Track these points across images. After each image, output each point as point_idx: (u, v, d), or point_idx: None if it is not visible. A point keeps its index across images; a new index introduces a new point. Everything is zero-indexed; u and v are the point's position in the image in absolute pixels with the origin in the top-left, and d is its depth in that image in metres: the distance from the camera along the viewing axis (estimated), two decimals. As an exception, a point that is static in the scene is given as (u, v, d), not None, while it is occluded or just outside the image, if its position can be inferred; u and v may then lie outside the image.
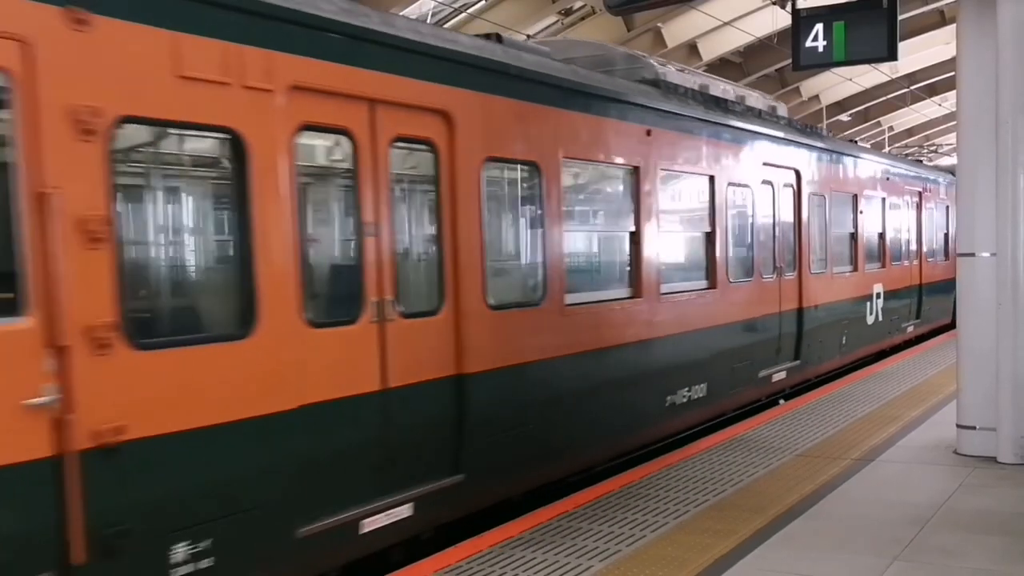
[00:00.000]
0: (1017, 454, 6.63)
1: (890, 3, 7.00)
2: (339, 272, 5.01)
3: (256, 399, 4.24)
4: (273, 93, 4.35)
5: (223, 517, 4.09)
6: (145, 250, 4.31)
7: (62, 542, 3.50)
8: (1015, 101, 6.50)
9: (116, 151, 3.78)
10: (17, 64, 3.42)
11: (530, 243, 6.32)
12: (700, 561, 4.89)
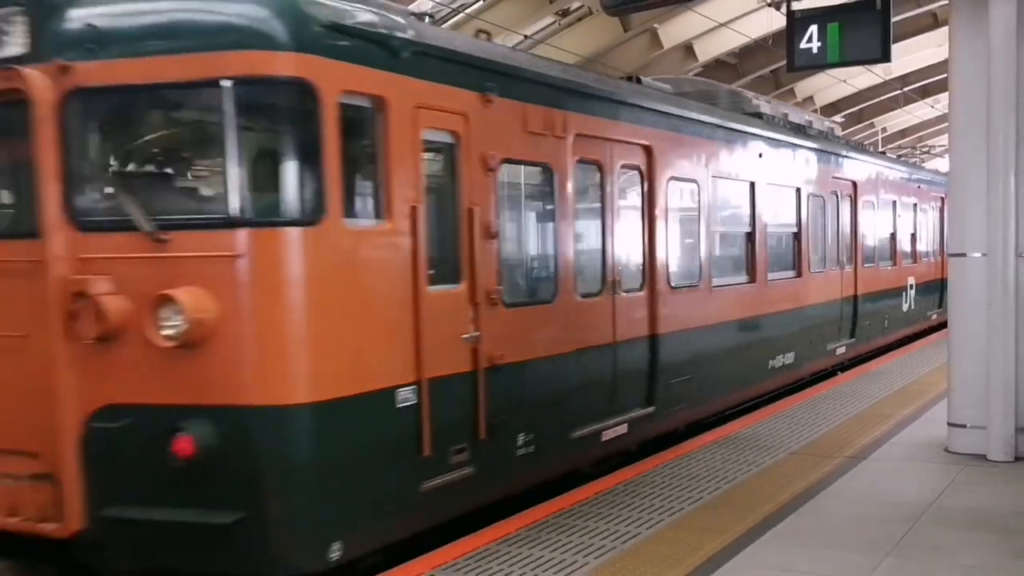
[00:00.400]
0: (1007, 452, 6.69)
1: (883, 5, 7.06)
2: (592, 261, 6.99)
3: (557, 344, 6.33)
4: (566, 139, 6.49)
5: (541, 419, 6.11)
6: (509, 243, 6.19)
7: (475, 423, 5.51)
8: (1006, 103, 6.56)
9: (500, 181, 5.80)
10: (461, 128, 5.45)
11: (692, 241, 8.40)
12: (693, 558, 4.93)
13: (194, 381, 4.30)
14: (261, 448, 4.35)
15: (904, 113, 35.87)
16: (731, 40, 22.62)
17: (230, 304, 4.28)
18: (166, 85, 4.41)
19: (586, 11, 20.29)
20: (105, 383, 4.38)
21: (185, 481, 4.28)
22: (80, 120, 4.45)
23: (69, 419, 4.39)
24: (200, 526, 4.32)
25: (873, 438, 7.65)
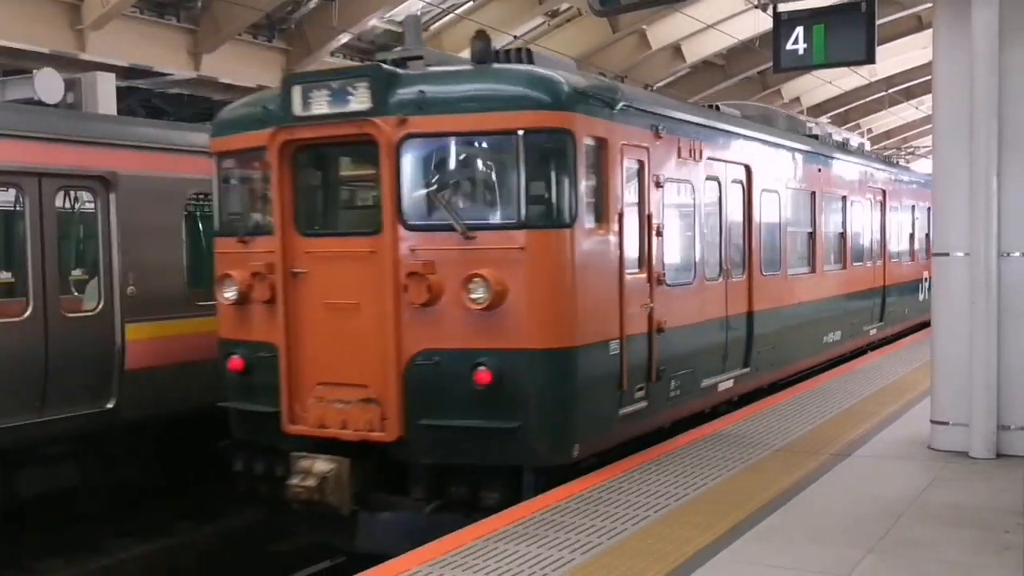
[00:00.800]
0: (988, 449, 6.75)
1: (868, 7, 7.11)
2: (713, 252, 8.69)
3: (694, 315, 8.09)
4: (701, 163, 8.27)
5: (684, 371, 7.79)
6: (667, 240, 7.64)
7: (649, 370, 7.24)
8: (988, 105, 6.62)
9: (664, 195, 7.53)
10: (644, 157, 7.23)
11: (775, 238, 10.10)
12: (679, 554, 4.96)
13: (491, 332, 6.12)
14: (534, 378, 6.23)
15: (889, 114, 36.15)
16: (719, 41, 22.74)
17: (516, 280, 6.13)
18: (475, 133, 6.42)
19: (575, 12, 20.34)
20: (424, 334, 6.21)
21: (481, 400, 6.13)
22: (411, 156, 6.36)
23: (394, 360, 6.23)
24: (492, 430, 6.18)
25: (857, 435, 7.70)
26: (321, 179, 7.19)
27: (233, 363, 6.89)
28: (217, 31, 15.93)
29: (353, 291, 6.34)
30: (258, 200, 7.07)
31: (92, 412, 7.77)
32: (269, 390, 6.60)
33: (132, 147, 8.20)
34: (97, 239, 7.92)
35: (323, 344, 6.46)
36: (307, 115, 6.39)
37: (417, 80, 6.37)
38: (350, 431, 6.36)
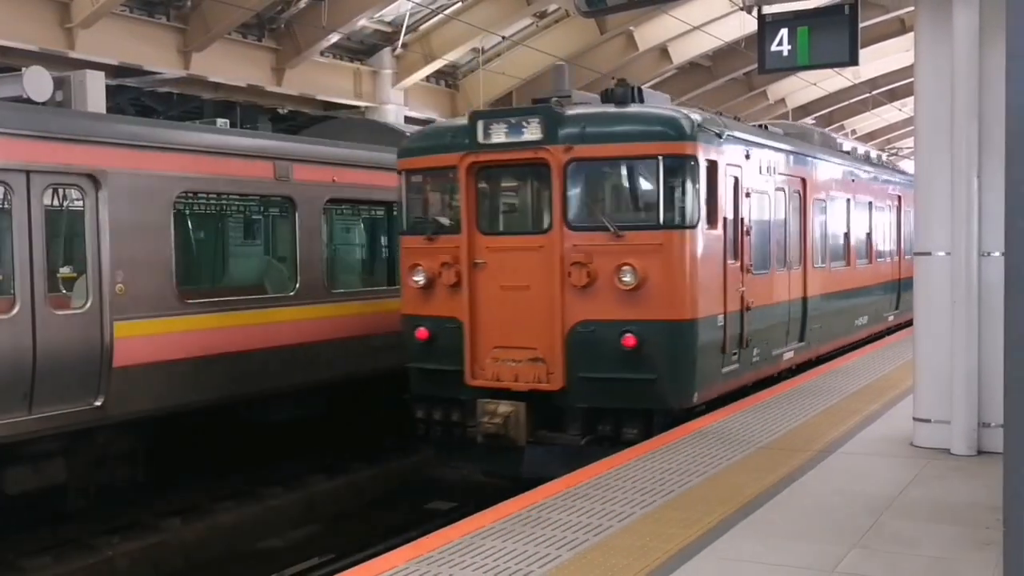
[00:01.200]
0: (970, 446, 6.83)
1: (851, 10, 7.19)
2: (779, 247, 10.44)
3: (770, 298, 9.82)
4: (774, 177, 10.16)
5: (762, 342, 9.61)
6: (752, 237, 9.42)
7: (741, 339, 9.00)
8: (969, 107, 6.69)
9: (750, 203, 9.36)
10: (739, 174, 9.03)
11: (821, 237, 11.87)
12: (664, 550, 5.00)
13: (635, 307, 7.95)
14: (668, 342, 8.03)
15: (873, 116, 36.42)
16: (705, 43, 22.86)
17: (655, 268, 7.96)
18: (625, 158, 8.31)
19: (563, 13, 20.41)
20: (582, 309, 8.04)
21: (627, 359, 7.97)
22: (575, 174, 8.23)
23: (559, 328, 8.08)
24: (634, 381, 7.99)
25: (841, 433, 7.78)
26: (498, 191, 9.12)
27: (420, 333, 8.66)
28: (207, 30, 15.90)
29: (525, 276, 8.23)
30: (443, 207, 8.93)
31: (80, 409, 7.77)
32: (453, 353, 8.43)
33: (121, 145, 8.20)
34: (85, 236, 7.92)
35: (498, 317, 8.33)
36: (488, 143, 8.32)
37: (578, 117, 8.27)
38: (521, 383, 8.25)
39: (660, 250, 7.99)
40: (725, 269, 8.73)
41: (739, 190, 9.10)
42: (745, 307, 9.09)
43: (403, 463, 11.47)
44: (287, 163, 9.78)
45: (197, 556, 8.75)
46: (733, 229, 8.94)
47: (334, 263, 10.87)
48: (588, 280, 7.97)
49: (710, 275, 8.42)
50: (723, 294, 8.66)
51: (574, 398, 8.14)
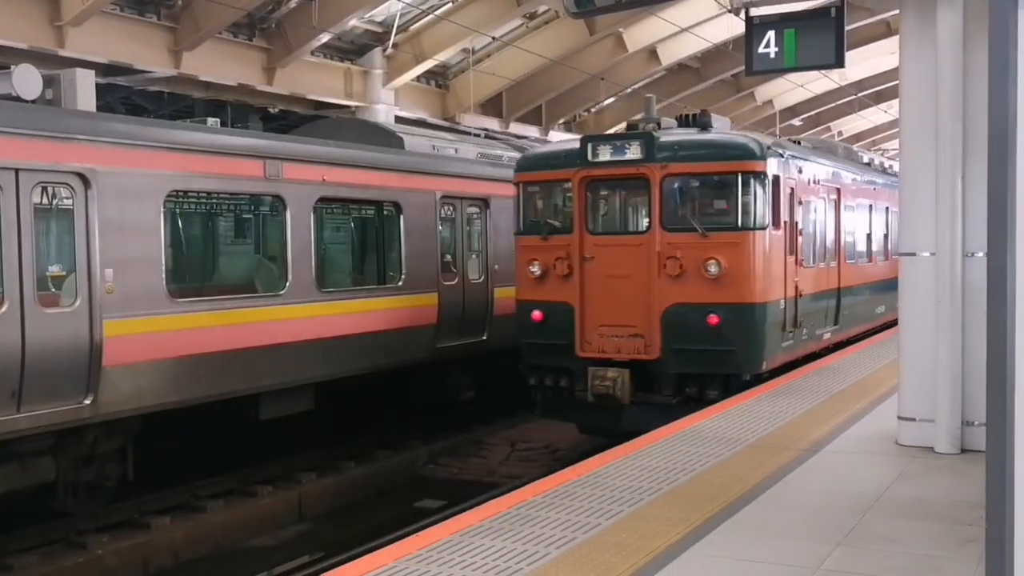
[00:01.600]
0: (953, 444, 6.89)
1: (838, 13, 7.25)
2: (820, 245, 12.25)
3: (816, 287, 11.66)
4: (819, 187, 12.11)
5: (808, 323, 11.30)
6: (802, 237, 11.16)
7: (795, 320, 10.82)
8: (953, 109, 6.76)
9: (801, 210, 11.24)
10: (795, 185, 11.00)
11: (851, 237, 13.79)
12: (652, 547, 5.04)
13: (718, 293, 9.74)
14: (744, 320, 9.84)
15: (859, 118, 36.62)
16: (693, 45, 22.95)
17: (734, 261, 9.80)
18: (710, 173, 10.18)
19: (553, 14, 20.45)
20: (674, 294, 9.86)
21: (711, 334, 9.78)
22: (668, 186, 10.15)
23: (656, 310, 9.92)
24: (717, 351, 9.85)
25: (827, 431, 7.84)
26: (604, 200, 11.09)
27: (535, 315, 10.54)
28: (197, 29, 15.86)
29: (627, 268, 10.12)
30: (555, 212, 10.87)
31: (69, 408, 7.76)
32: (564, 331, 10.30)
33: (111, 143, 8.19)
34: (75, 235, 7.90)
35: (604, 301, 10.21)
36: (596, 160, 10.28)
37: (671, 142, 10.20)
38: (623, 354, 10.15)
39: (738, 247, 9.92)
40: (785, 263, 10.71)
41: (794, 199, 11.07)
42: (798, 294, 11.08)
43: (393, 462, 11.49)
44: (277, 162, 9.79)
45: (186, 554, 8.75)
46: (790, 230, 10.84)
47: (324, 262, 10.88)
48: (680, 271, 9.90)
49: (775, 268, 10.44)
50: (783, 283, 10.66)
51: (668, 366, 10.05)
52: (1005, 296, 3.00)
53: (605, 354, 10.12)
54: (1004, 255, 3.00)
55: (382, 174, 11.22)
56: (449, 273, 12.15)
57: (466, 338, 12.41)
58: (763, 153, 10.15)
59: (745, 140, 10.47)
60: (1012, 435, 2.99)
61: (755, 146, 10.19)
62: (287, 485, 10.20)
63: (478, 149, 13.80)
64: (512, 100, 23.71)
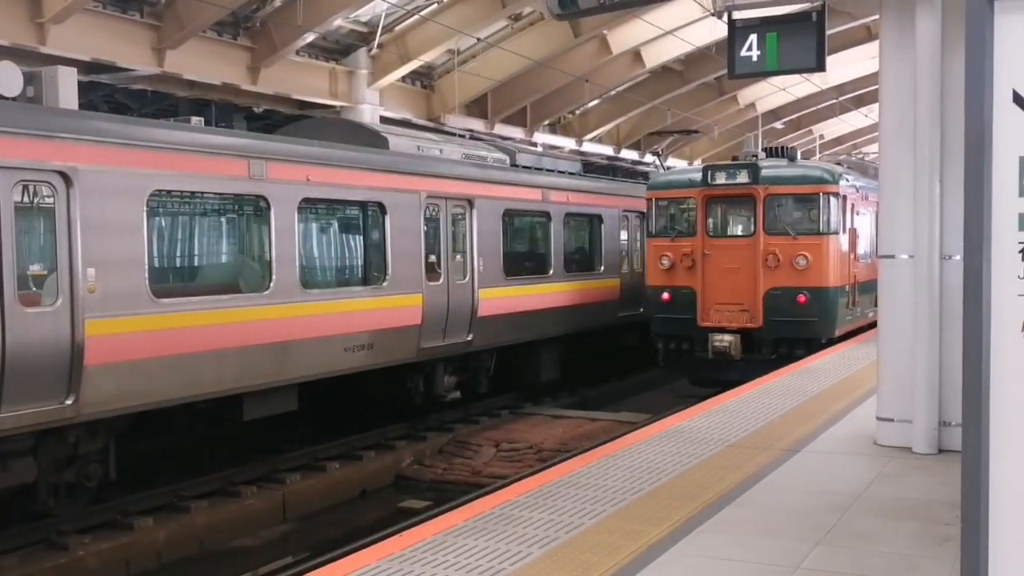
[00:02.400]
0: (931, 445, 6.98)
1: (819, 17, 7.33)
2: (867, 247, 15.28)
3: (864, 276, 14.70)
4: (868, 201, 15.20)
5: (862, 304, 15.07)
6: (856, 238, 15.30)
7: (852, 300, 14.96)
8: (931, 113, 6.84)
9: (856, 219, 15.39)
10: (851, 200, 15.01)
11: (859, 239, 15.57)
12: (634, 546, 5.08)
13: (805, 279, 13.63)
14: (823, 299, 13.67)
15: (840, 121, 36.88)
16: (677, 48, 23.05)
17: (816, 256, 13.70)
18: (800, 194, 14.10)
19: (538, 16, 20.47)
20: (773, 280, 13.74)
21: (799, 309, 13.65)
22: (770, 203, 14.02)
23: (760, 292, 13.76)
24: (803, 321, 13.76)
25: (807, 432, 7.92)
26: (719, 212, 14.65)
27: (664, 297, 14.48)
28: (181, 27, 15.77)
29: (737, 262, 13.94)
30: (680, 221, 14.77)
31: (50, 408, 7.71)
32: (688, 308, 14.18)
33: (93, 142, 8.15)
34: (56, 234, 7.85)
35: (719, 286, 14.09)
36: (714, 183, 14.30)
37: (771, 173, 14.22)
38: (734, 324, 14.01)
39: (819, 247, 13.79)
40: (848, 259, 14.48)
41: (853, 211, 14.79)
42: (856, 282, 14.75)
43: (377, 462, 11.49)
44: (262, 162, 9.76)
45: (170, 555, 8.71)
46: (851, 234, 14.59)
47: (309, 262, 10.86)
48: (777, 264, 13.81)
49: (842, 262, 14.24)
50: (848, 273, 14.44)
51: (768, 333, 13.97)
52: (980, 298, 3.05)
53: (720, 324, 14.01)
54: (979, 258, 3.05)
55: (367, 174, 11.22)
56: (433, 274, 12.16)
57: (450, 339, 12.42)
58: (836, 179, 14.21)
59: (823, 170, 14.69)
60: (987, 435, 3.04)
61: (830, 175, 14.33)
62: (271, 485, 10.17)
63: (463, 150, 13.82)
64: (497, 101, 23.72)
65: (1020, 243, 2.98)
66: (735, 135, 34.58)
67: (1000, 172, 3.00)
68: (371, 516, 10.10)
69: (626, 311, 17.01)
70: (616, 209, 16.93)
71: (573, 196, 15.64)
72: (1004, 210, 3.00)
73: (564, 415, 14.24)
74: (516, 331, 13.84)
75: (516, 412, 14.28)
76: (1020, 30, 2.96)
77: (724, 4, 7.46)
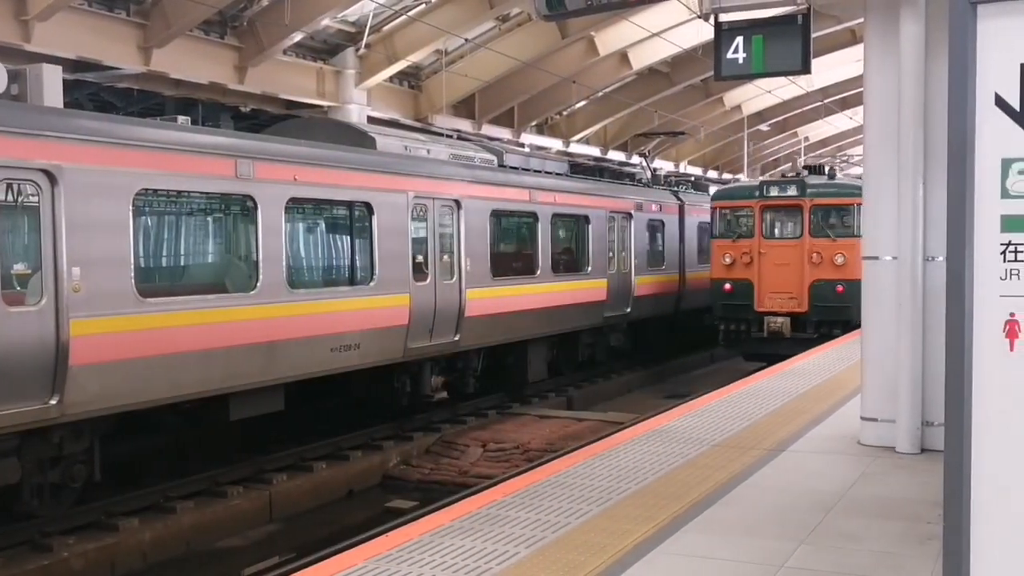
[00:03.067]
0: (914, 444, 7.04)
1: (804, 20, 7.38)
2: None
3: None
4: None
5: None
6: None
7: None
8: (915, 116, 6.90)
9: None
10: None
11: None
12: (620, 546, 5.11)
13: (843, 273, 16.62)
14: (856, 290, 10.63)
15: (825, 124, 37.14)
16: (664, 49, 23.12)
17: (851, 255, 15.90)
18: (840, 205, 17.36)
19: (525, 17, 20.49)
20: (816, 274, 17.06)
21: (838, 297, 16.76)
22: (814, 212, 17.39)
23: (806, 284, 17.09)
24: (841, 307, 16.61)
25: (791, 432, 7.97)
26: (773, 219, 17.73)
27: (727, 287, 17.59)
28: (168, 26, 15.68)
29: (787, 259, 16.60)
30: (740, 226, 17.84)
31: (35, 408, 7.67)
32: (746, 296, 17.27)
33: (78, 140, 8.10)
34: (41, 233, 7.80)
35: (772, 279, 17.07)
36: (769, 195, 17.53)
37: (815, 186, 17.38)
38: (785, 309, 17.00)
39: (854, 247, 14.82)
40: None
41: None
42: None
43: (364, 462, 11.47)
44: (249, 161, 9.73)
45: (155, 556, 8.67)
46: None
47: (295, 262, 10.83)
48: (820, 261, 16.81)
49: None
50: None
51: (811, 316, 16.96)
52: (963, 299, 3.08)
53: (773, 309, 17.23)
54: (962, 259, 3.08)
55: (354, 174, 11.20)
56: (421, 274, 12.15)
57: (438, 339, 12.42)
58: None
59: (856, 185, 15.74)
60: (969, 435, 3.07)
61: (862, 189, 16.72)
62: (258, 486, 10.14)
63: (450, 150, 13.82)
64: (484, 102, 23.73)
65: (1002, 244, 3.02)
66: (721, 137, 34.73)
67: (982, 174, 3.04)
68: (358, 516, 10.09)
69: (612, 312, 17.06)
70: (603, 210, 16.95)
71: (560, 197, 15.65)
72: (986, 212, 3.03)
73: (551, 415, 14.27)
74: (503, 331, 13.84)
75: (503, 412, 14.29)
76: (1002, 34, 3.00)
77: (710, 6, 7.50)
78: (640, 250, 18.09)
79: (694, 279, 20.32)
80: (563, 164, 17.17)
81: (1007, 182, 3.01)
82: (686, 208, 20.42)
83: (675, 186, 22.33)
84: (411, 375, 12.65)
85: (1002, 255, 3.02)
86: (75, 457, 8.46)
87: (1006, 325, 3.02)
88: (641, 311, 18.19)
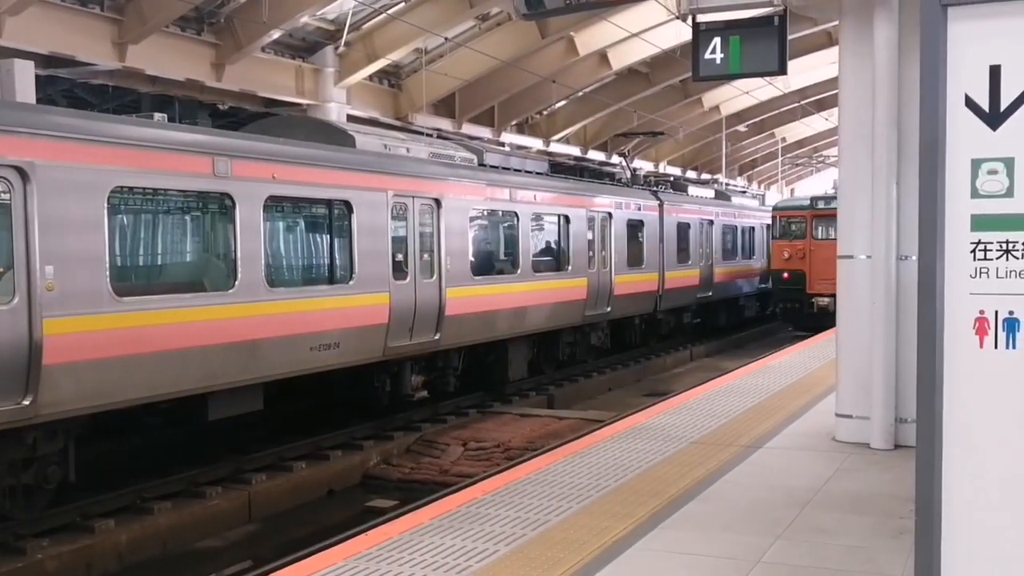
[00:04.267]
0: (887, 441, 7.14)
1: (780, 22, 7.45)
2: None
3: None
4: None
5: None
6: None
7: None
8: (889, 117, 7.00)
9: None
10: None
11: None
12: (599, 542, 5.15)
13: None
14: None
15: (801, 125, 37.49)
16: (643, 50, 23.23)
17: None
18: None
19: (505, 16, 20.51)
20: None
21: None
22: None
23: None
24: None
25: (768, 428, 8.06)
26: (819, 225, 22.85)
27: (785, 276, 23.17)
28: (143, 22, 15.54)
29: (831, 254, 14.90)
30: (796, 230, 23.46)
31: (7, 408, 7.58)
32: (800, 281, 22.92)
33: (52, 137, 8.02)
34: (12, 231, 7.71)
35: (820, 269, 21.68)
36: (818, 207, 23.10)
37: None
38: (830, 291, 17.86)
39: None
40: None
41: None
42: None
43: (344, 461, 11.44)
44: (226, 159, 9.67)
45: (132, 557, 8.59)
46: None
47: (274, 260, 10.78)
48: None
49: None
50: None
51: None
52: (934, 297, 3.13)
53: (820, 292, 21.46)
54: (933, 258, 3.13)
55: (333, 172, 11.16)
56: (401, 273, 12.13)
57: (418, 338, 12.41)
58: None
59: None
60: (940, 431, 3.12)
61: None
62: (236, 486, 10.07)
63: (430, 149, 13.80)
64: (465, 101, 23.72)
65: (972, 243, 3.08)
66: (700, 137, 34.93)
67: (953, 174, 3.09)
68: (338, 516, 10.06)
69: (593, 311, 17.12)
70: (583, 209, 16.99)
71: (541, 196, 15.67)
72: (957, 211, 3.09)
73: (532, 414, 14.29)
74: (484, 330, 13.84)
75: (484, 411, 14.29)
76: (973, 36, 3.05)
77: (688, 7, 7.55)
78: (620, 249, 18.07)
79: (674, 278, 20.38)
80: (543, 164, 17.20)
81: (977, 182, 3.06)
82: (666, 208, 20.47)
83: (655, 186, 22.42)
84: (391, 374, 12.62)
85: (972, 253, 3.08)
86: (49, 458, 8.37)
87: (976, 322, 3.07)
88: (621, 310, 18.21)
